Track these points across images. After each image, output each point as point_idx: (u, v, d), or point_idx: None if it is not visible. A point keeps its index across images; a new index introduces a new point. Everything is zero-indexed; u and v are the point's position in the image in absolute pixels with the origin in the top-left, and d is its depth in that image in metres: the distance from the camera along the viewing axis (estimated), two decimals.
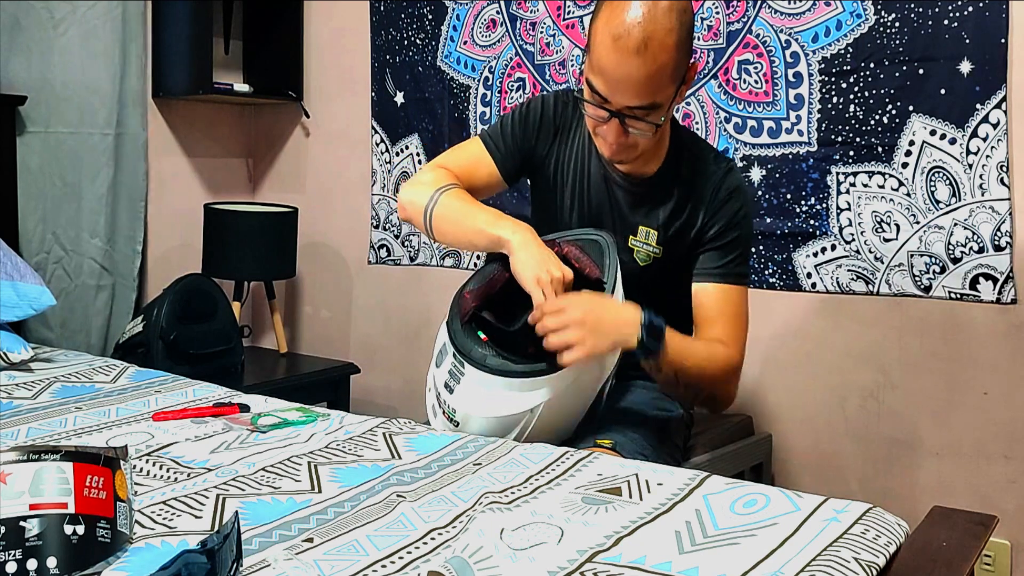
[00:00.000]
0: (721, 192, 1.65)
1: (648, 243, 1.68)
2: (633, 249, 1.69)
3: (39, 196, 2.62)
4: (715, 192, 1.65)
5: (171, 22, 2.86)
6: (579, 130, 1.72)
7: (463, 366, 1.50)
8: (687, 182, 1.67)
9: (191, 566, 0.89)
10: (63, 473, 1.00)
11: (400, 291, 2.98)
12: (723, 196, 1.65)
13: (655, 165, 1.67)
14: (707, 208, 1.65)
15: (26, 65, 2.58)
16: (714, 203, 1.65)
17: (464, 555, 1.04)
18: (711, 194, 1.65)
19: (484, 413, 1.52)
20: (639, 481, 1.28)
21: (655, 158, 1.67)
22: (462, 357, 1.50)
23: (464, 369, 1.50)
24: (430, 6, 2.83)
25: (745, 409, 2.34)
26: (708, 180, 1.66)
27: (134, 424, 1.60)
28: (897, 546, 1.09)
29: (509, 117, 1.76)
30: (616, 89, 1.49)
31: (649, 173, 1.67)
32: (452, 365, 1.53)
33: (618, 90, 1.49)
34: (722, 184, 1.66)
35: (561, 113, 1.73)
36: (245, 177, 3.30)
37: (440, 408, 1.58)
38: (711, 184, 1.66)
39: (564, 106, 1.74)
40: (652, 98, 1.50)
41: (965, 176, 2.05)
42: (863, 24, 2.14)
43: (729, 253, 1.66)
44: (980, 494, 2.08)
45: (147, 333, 2.49)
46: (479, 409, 1.52)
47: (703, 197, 1.65)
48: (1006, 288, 2.03)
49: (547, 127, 1.73)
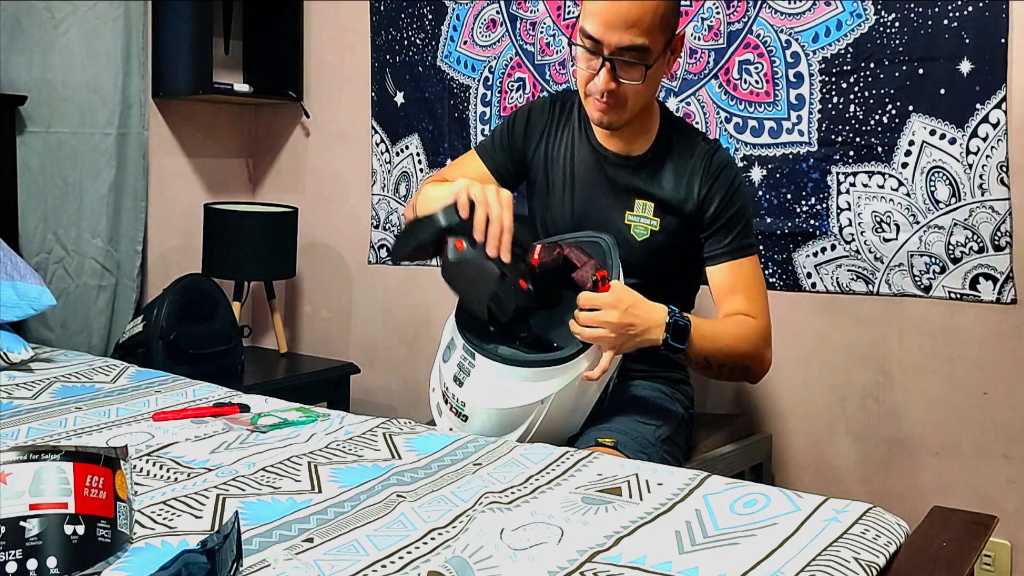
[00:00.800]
0: (713, 164, 1.72)
1: (645, 215, 1.73)
2: (630, 225, 1.74)
3: (40, 196, 2.62)
4: (707, 165, 1.72)
5: (171, 22, 2.86)
6: (567, 123, 1.81)
7: (473, 357, 1.51)
8: (678, 157, 1.73)
9: (191, 566, 0.89)
10: (63, 473, 1.00)
11: (400, 291, 2.98)
12: (715, 168, 1.72)
13: (645, 143, 1.74)
14: (702, 179, 1.71)
15: (27, 65, 2.58)
16: (708, 175, 1.71)
17: (464, 555, 1.04)
18: (704, 166, 1.71)
19: (495, 404, 1.53)
20: (639, 481, 1.28)
21: (644, 136, 1.74)
22: (473, 348, 1.52)
23: (475, 360, 1.51)
24: (430, 6, 2.83)
25: (745, 409, 2.34)
26: (698, 154, 1.72)
27: (134, 424, 1.60)
28: (897, 546, 1.09)
29: (500, 127, 1.87)
30: (608, 25, 1.55)
31: (640, 151, 1.74)
32: (461, 357, 1.54)
33: (610, 26, 1.55)
34: (713, 157, 1.72)
35: (548, 112, 1.83)
36: (245, 177, 3.30)
37: (447, 404, 1.58)
38: (702, 158, 1.72)
39: (552, 105, 1.83)
40: (643, 37, 1.55)
41: (965, 176, 2.05)
42: (863, 24, 2.14)
43: (732, 230, 1.71)
44: (980, 494, 2.08)
45: (147, 333, 2.49)
46: (490, 401, 1.53)
47: (696, 169, 1.72)
48: (1006, 288, 2.02)
49: (533, 130, 1.83)
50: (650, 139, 1.74)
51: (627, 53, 1.56)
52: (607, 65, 1.57)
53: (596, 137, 1.77)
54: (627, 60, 1.57)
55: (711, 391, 2.38)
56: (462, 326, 1.55)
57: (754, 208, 2.29)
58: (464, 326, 1.56)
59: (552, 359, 1.50)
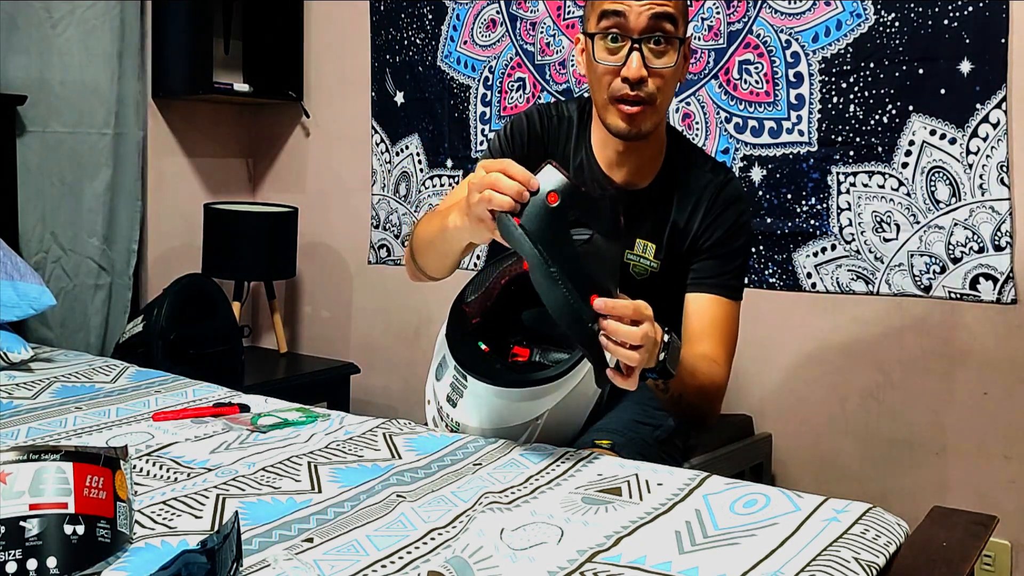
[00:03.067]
0: (720, 200, 1.59)
1: (645, 256, 1.61)
2: (629, 263, 1.62)
3: (38, 196, 2.62)
4: (713, 200, 1.59)
5: (171, 22, 2.86)
6: (568, 142, 1.64)
7: (465, 379, 1.45)
8: (685, 191, 1.60)
9: (191, 566, 0.89)
10: (63, 473, 1.00)
11: (400, 291, 2.98)
12: (721, 204, 1.59)
13: (651, 173, 1.60)
14: (705, 216, 1.58)
15: (25, 65, 2.58)
16: (712, 211, 1.58)
17: (464, 555, 1.04)
18: (709, 202, 1.59)
19: (489, 425, 1.48)
20: (639, 481, 1.28)
21: (651, 165, 1.60)
22: (465, 371, 1.45)
23: (467, 382, 1.45)
24: (430, 6, 2.83)
25: (745, 409, 2.34)
26: (706, 189, 1.59)
27: (134, 424, 1.60)
28: (897, 546, 1.09)
29: (495, 139, 1.67)
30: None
31: (645, 184, 1.61)
32: (454, 378, 1.48)
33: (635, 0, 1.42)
34: (720, 192, 1.59)
35: (548, 127, 1.63)
36: (245, 177, 3.30)
37: (443, 421, 1.56)
38: (709, 192, 1.59)
39: (550, 119, 1.64)
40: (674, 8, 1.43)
41: (965, 176, 2.05)
42: (863, 24, 2.14)
43: (727, 264, 1.59)
44: (980, 494, 2.08)
45: (147, 333, 2.49)
46: (484, 421, 1.48)
47: (701, 205, 1.59)
48: (1006, 288, 2.02)
49: (536, 143, 1.62)
50: (656, 168, 1.60)
51: (659, 27, 1.43)
52: (636, 48, 1.42)
53: (600, 165, 1.61)
54: (659, 37, 1.43)
55: None
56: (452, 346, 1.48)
57: (754, 208, 2.29)
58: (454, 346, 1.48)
59: (545, 377, 1.43)
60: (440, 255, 1.56)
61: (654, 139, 1.56)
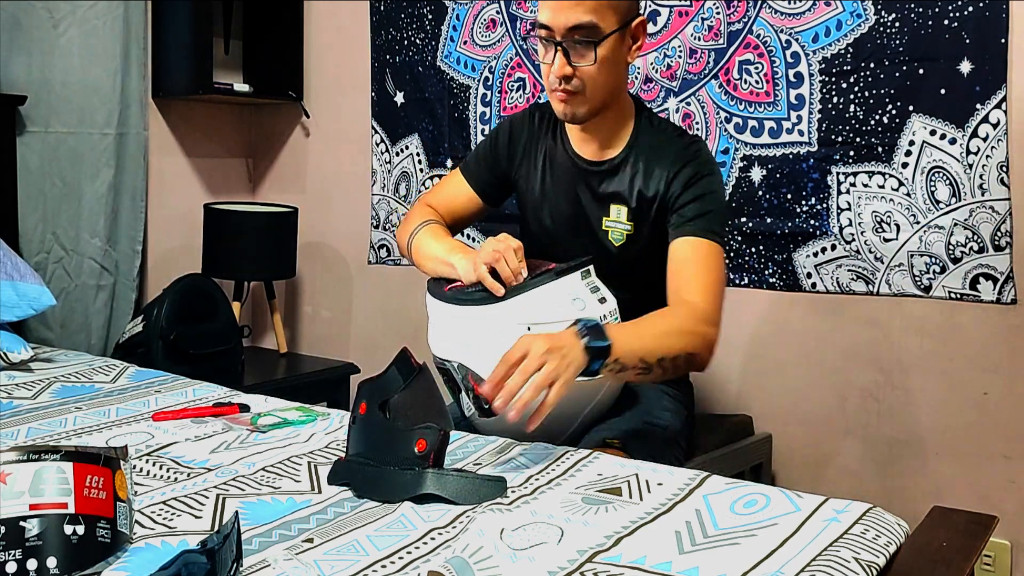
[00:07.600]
0: (686, 153, 1.70)
1: (619, 220, 1.74)
2: (608, 231, 1.75)
3: (39, 196, 2.62)
4: (679, 160, 1.69)
5: (171, 22, 2.86)
6: (546, 133, 1.82)
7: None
8: (652, 156, 1.72)
9: (191, 566, 0.89)
10: (63, 473, 1.00)
11: (400, 291, 2.98)
12: (687, 156, 1.70)
13: (619, 146, 1.74)
14: (672, 174, 1.69)
15: (26, 65, 2.58)
16: (677, 161, 1.69)
17: (464, 555, 1.04)
18: (676, 162, 1.69)
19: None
20: (639, 481, 1.28)
21: (618, 139, 1.74)
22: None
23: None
24: (430, 6, 2.83)
25: (745, 409, 2.34)
26: (672, 151, 1.71)
27: (134, 424, 1.60)
28: (897, 546, 1.09)
29: (481, 144, 1.91)
30: (556, 9, 1.59)
31: (615, 154, 1.74)
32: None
33: (558, 9, 1.59)
34: (685, 152, 1.70)
35: (528, 123, 1.84)
36: (245, 177, 3.29)
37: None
38: (675, 154, 1.70)
39: (531, 116, 1.85)
40: (590, 15, 1.58)
41: (965, 176, 2.05)
42: (863, 24, 2.14)
43: (702, 209, 1.66)
44: (980, 494, 2.08)
45: (147, 333, 2.49)
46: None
47: (668, 166, 1.69)
48: (1006, 288, 2.02)
49: (516, 144, 1.84)
50: (623, 142, 1.74)
51: (576, 33, 1.59)
52: (559, 49, 1.60)
53: (572, 145, 1.78)
54: (577, 41, 1.59)
55: (711, 391, 2.38)
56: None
57: (754, 208, 2.29)
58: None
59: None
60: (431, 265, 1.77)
61: (610, 116, 1.72)
